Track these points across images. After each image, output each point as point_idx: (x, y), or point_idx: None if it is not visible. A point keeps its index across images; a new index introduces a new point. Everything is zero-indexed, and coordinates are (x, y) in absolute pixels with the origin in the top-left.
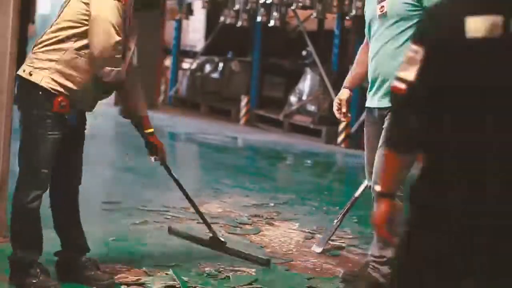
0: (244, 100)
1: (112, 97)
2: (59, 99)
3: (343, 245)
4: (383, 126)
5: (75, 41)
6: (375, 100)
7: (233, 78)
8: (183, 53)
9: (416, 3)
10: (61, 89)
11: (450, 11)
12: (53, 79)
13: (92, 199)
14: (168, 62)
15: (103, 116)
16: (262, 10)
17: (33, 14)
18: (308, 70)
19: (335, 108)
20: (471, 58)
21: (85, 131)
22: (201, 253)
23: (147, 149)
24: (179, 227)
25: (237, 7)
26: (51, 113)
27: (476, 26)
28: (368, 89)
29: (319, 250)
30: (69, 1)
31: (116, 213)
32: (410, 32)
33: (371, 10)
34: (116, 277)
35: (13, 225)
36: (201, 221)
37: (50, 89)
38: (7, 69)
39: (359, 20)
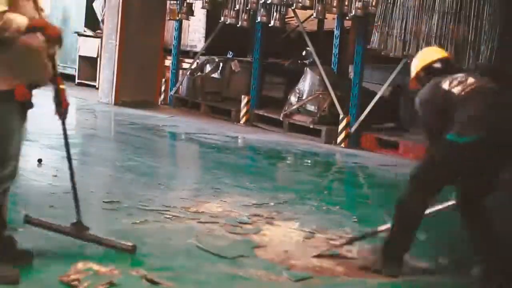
0: (244, 100)
1: (112, 98)
2: (19, 89)
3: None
4: None
5: None
6: None
7: (233, 78)
8: (183, 53)
9: None
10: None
11: None
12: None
13: (92, 198)
14: (168, 62)
15: (103, 116)
16: (262, 10)
17: None
18: (308, 70)
19: None
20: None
21: None
22: (201, 254)
23: (55, 105)
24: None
25: (237, 7)
26: (17, 104)
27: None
28: None
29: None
30: None
31: (116, 213)
32: None
33: None
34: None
35: None
36: (202, 221)
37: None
38: None
39: (359, 20)
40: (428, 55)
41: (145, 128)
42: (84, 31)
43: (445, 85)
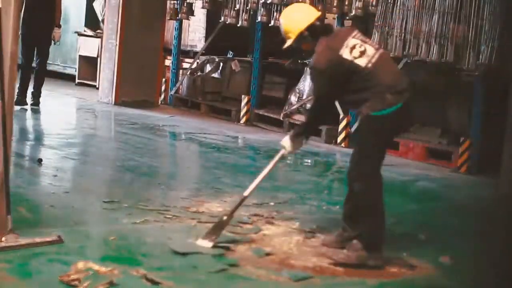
0: (244, 100)
1: (112, 98)
2: None
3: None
4: None
5: None
6: None
7: (233, 78)
8: (183, 53)
9: None
10: None
11: None
12: None
13: (92, 198)
14: (168, 62)
15: (103, 115)
16: (262, 10)
17: (58, 17)
18: (308, 69)
19: None
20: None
21: None
22: (201, 254)
23: None
24: (179, 227)
25: (237, 7)
26: None
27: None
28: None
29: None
30: None
31: (116, 213)
32: None
33: None
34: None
35: None
36: (202, 220)
37: None
38: (7, 69)
39: (359, 20)
40: (308, 12)
41: (145, 128)
42: (84, 31)
43: (346, 55)
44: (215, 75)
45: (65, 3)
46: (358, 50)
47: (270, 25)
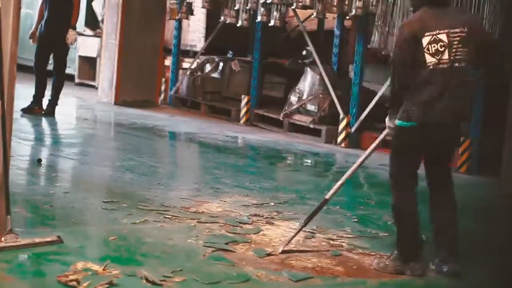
0: (244, 100)
1: (112, 97)
2: None
3: (344, 244)
4: None
5: None
6: None
7: (233, 78)
8: (183, 53)
9: None
10: None
11: None
12: None
13: (92, 198)
14: (168, 61)
15: (103, 115)
16: (262, 9)
17: (74, 18)
18: (308, 69)
19: None
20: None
21: None
22: (201, 254)
23: None
24: (176, 227)
25: (237, 6)
26: None
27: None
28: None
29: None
30: None
31: (116, 213)
32: None
33: None
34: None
35: None
36: (202, 220)
37: None
38: (7, 69)
39: (359, 19)
40: None
41: (145, 128)
42: (84, 30)
43: (425, 40)
44: (215, 75)
45: None
46: (437, 44)
47: (270, 24)
